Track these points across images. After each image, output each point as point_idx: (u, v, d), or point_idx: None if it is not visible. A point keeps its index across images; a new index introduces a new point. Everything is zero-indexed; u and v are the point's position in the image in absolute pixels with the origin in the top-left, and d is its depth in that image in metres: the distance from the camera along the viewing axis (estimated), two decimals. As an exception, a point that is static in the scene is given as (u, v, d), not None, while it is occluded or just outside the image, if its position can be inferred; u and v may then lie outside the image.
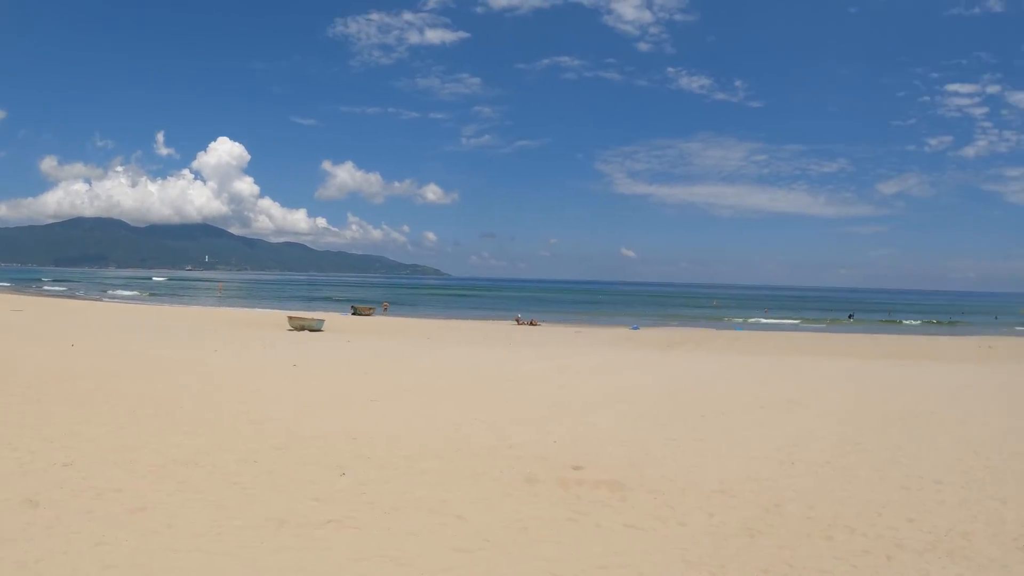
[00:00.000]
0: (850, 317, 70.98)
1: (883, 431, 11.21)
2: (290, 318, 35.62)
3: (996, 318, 75.44)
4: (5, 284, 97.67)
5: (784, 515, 6.86)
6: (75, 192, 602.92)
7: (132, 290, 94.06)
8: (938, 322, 67.06)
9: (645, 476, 8.00)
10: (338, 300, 79.54)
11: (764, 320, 63.10)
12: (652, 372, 19.56)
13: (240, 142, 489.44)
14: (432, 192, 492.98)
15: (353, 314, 52.44)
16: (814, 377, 19.07)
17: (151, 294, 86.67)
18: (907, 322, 65.95)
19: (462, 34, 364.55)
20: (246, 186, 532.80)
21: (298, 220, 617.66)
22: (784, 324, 58.46)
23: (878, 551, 6.00)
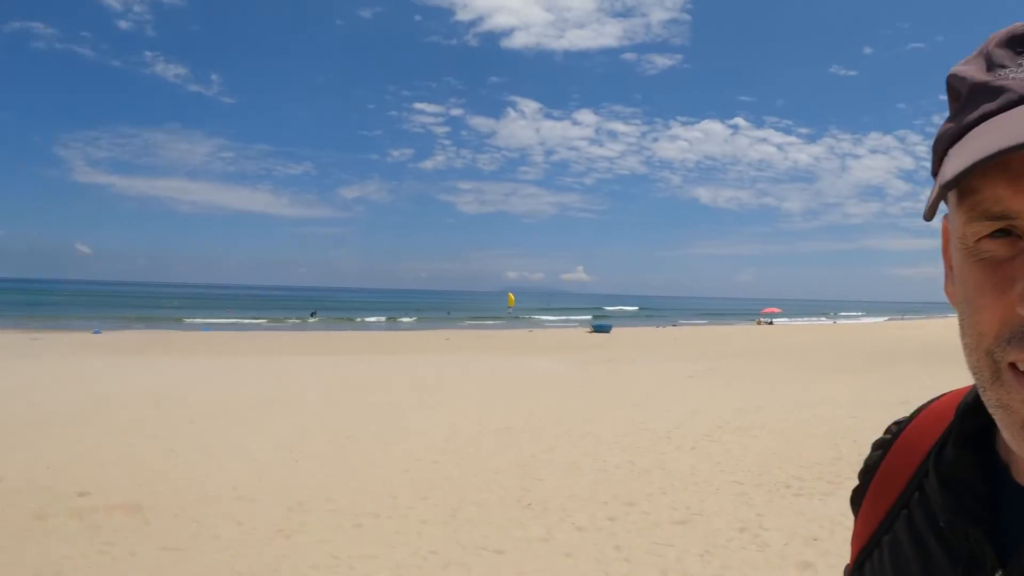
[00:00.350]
0: (312, 315, 74.13)
1: (366, 422, 11.82)
2: None
3: (448, 313, 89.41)
4: None
5: (308, 511, 6.88)
6: None
7: None
8: (396, 319, 74.56)
9: (158, 493, 7.40)
10: None
11: (230, 320, 61.25)
12: (125, 378, 18.10)
13: None
14: None
15: None
16: (292, 375, 19.51)
17: None
18: (371, 319, 71.13)
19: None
20: None
21: None
22: (249, 324, 58.10)
23: (408, 529, 6.33)
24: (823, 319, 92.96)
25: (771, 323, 72.63)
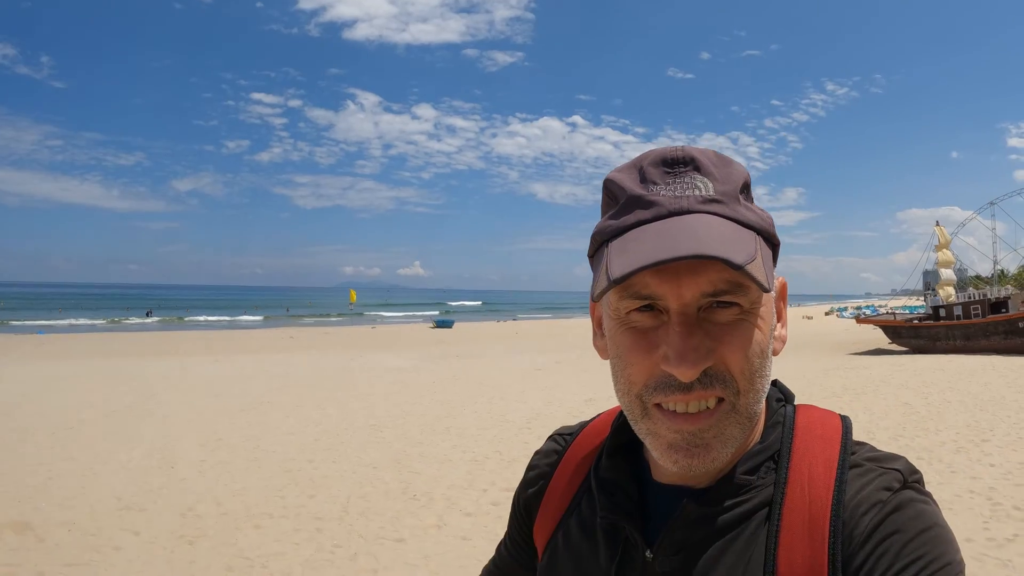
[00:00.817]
0: (148, 314, 71.31)
1: (232, 424, 11.91)
2: None
3: (288, 310, 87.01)
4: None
5: (202, 516, 6.90)
6: None
7: None
8: (236, 318, 73.82)
9: (41, 509, 7.16)
10: None
11: (65, 321, 57.26)
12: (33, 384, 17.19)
13: None
14: None
15: None
16: (144, 378, 18.66)
17: None
18: (213, 318, 68.24)
19: None
20: None
21: None
22: (86, 325, 54.45)
23: (306, 526, 6.55)
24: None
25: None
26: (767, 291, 0.73)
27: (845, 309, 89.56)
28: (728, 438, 0.78)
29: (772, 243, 0.82)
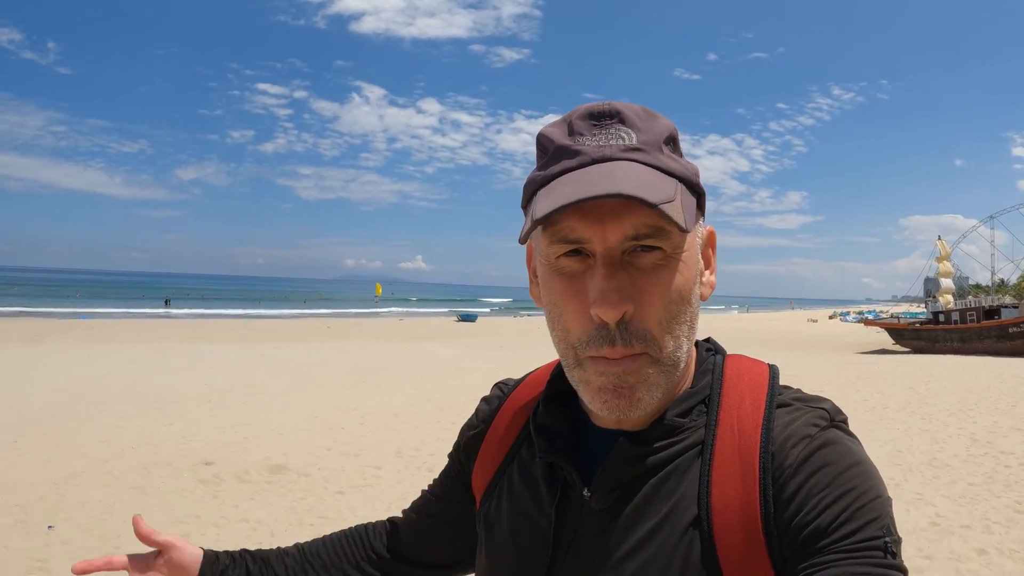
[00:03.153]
0: (167, 303, 70.88)
1: (358, 394, 14.04)
2: None
3: (305, 302, 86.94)
4: None
5: (411, 454, 9.07)
6: None
7: None
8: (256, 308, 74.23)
9: (288, 455, 8.62)
10: None
11: (103, 309, 56.33)
12: (74, 367, 17.88)
13: None
14: None
15: None
16: (232, 362, 19.74)
17: None
18: (234, 310, 67.43)
19: None
20: None
21: None
22: (120, 312, 53.97)
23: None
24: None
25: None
26: (684, 231, 0.75)
27: (848, 313, 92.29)
28: (653, 383, 0.81)
29: (696, 191, 0.85)
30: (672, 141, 0.85)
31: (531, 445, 0.98)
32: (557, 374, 0.97)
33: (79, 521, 6.22)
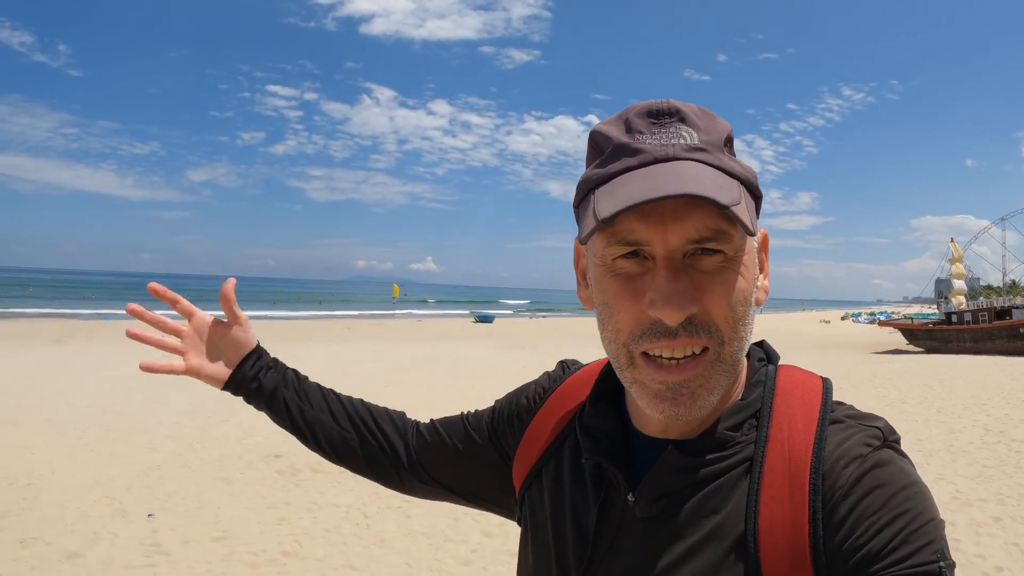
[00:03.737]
0: None
1: (424, 385, 15.25)
2: None
3: (321, 303, 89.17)
4: None
5: None
6: None
7: None
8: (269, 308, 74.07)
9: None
10: None
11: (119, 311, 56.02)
12: (116, 367, 18.56)
13: None
14: None
15: None
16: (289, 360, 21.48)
17: None
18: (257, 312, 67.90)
19: None
20: None
21: None
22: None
23: None
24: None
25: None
26: (752, 234, 0.75)
27: (859, 315, 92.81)
28: (714, 385, 0.80)
29: (755, 194, 0.84)
30: (730, 143, 0.85)
31: (575, 441, 0.98)
32: (605, 374, 0.98)
33: (177, 510, 6.68)
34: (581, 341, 35.39)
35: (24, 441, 9.22)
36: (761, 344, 0.96)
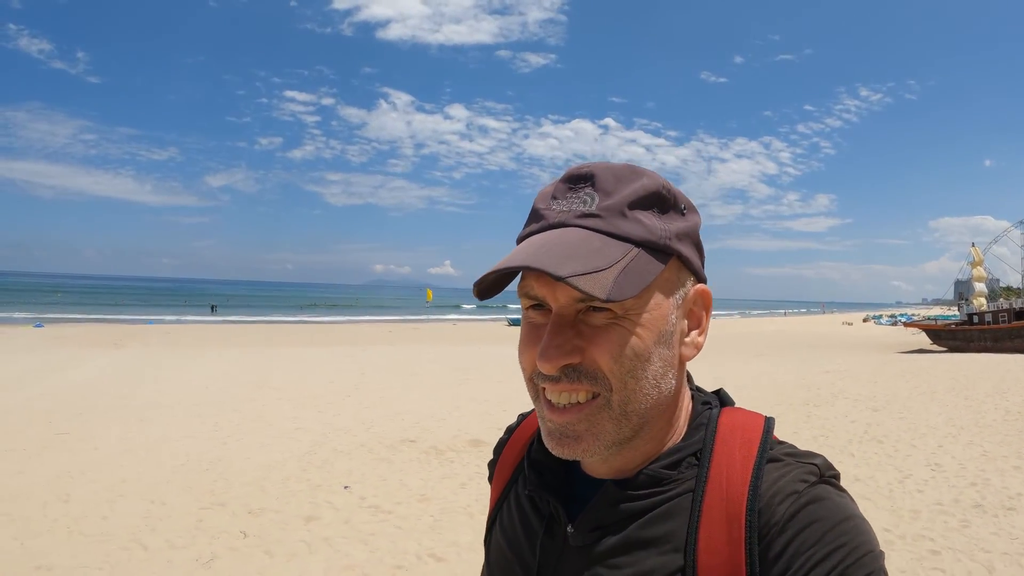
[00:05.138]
0: (213, 309, 71.90)
1: (487, 386, 16.83)
2: None
3: (354, 305, 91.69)
4: None
5: None
6: None
7: None
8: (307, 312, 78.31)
9: (468, 436, 9.90)
10: None
11: (171, 316, 58.13)
12: (201, 368, 19.68)
13: None
14: None
15: None
16: (348, 364, 22.73)
17: None
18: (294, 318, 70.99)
19: None
20: None
21: None
22: (182, 319, 55.21)
23: None
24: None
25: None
26: (603, 300, 0.76)
27: (880, 317, 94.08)
28: (600, 431, 0.83)
29: (664, 252, 0.84)
30: (651, 200, 0.85)
31: (524, 474, 1.01)
32: None
33: (369, 482, 7.69)
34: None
35: (187, 432, 10.41)
36: (717, 392, 0.99)
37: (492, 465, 1.15)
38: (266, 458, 8.86)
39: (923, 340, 40.25)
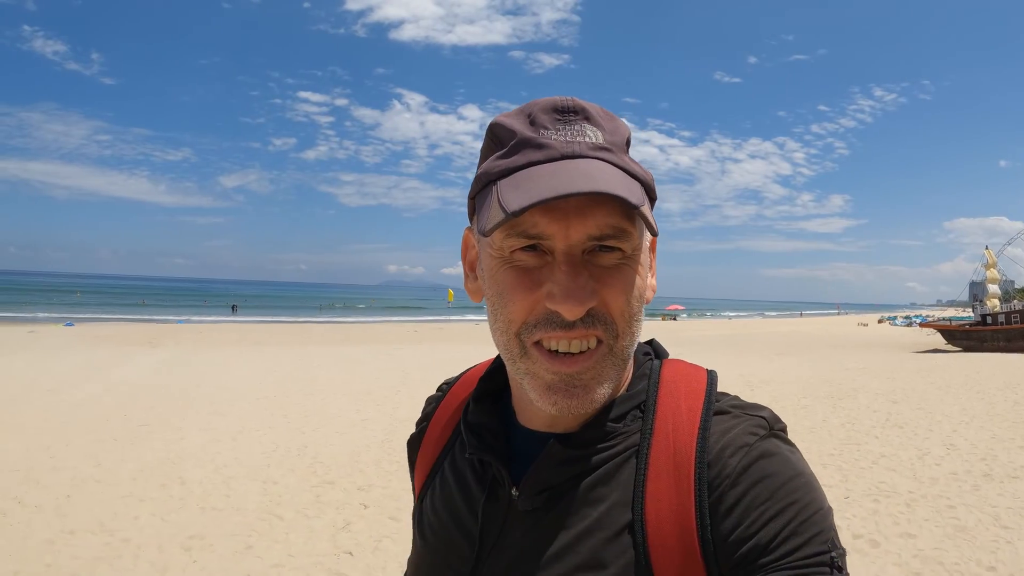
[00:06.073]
0: (234, 309, 72.04)
1: None
2: None
3: (370, 305, 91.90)
4: None
5: None
6: None
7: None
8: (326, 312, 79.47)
9: None
10: None
11: (199, 316, 57.78)
12: (246, 366, 20.30)
13: None
14: None
15: None
16: (389, 363, 22.81)
17: None
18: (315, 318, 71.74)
19: None
20: None
21: None
22: (216, 319, 55.96)
23: None
24: (719, 317, 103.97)
25: (675, 319, 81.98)
26: (655, 233, 0.77)
27: (895, 318, 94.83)
28: (606, 379, 0.81)
29: (651, 196, 0.85)
30: (629, 144, 0.85)
31: (461, 440, 0.97)
32: (490, 372, 0.99)
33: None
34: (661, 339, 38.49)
35: (263, 423, 11.07)
36: (650, 342, 0.98)
37: (416, 440, 1.09)
38: (349, 445, 9.48)
39: (938, 340, 41.31)
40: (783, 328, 63.50)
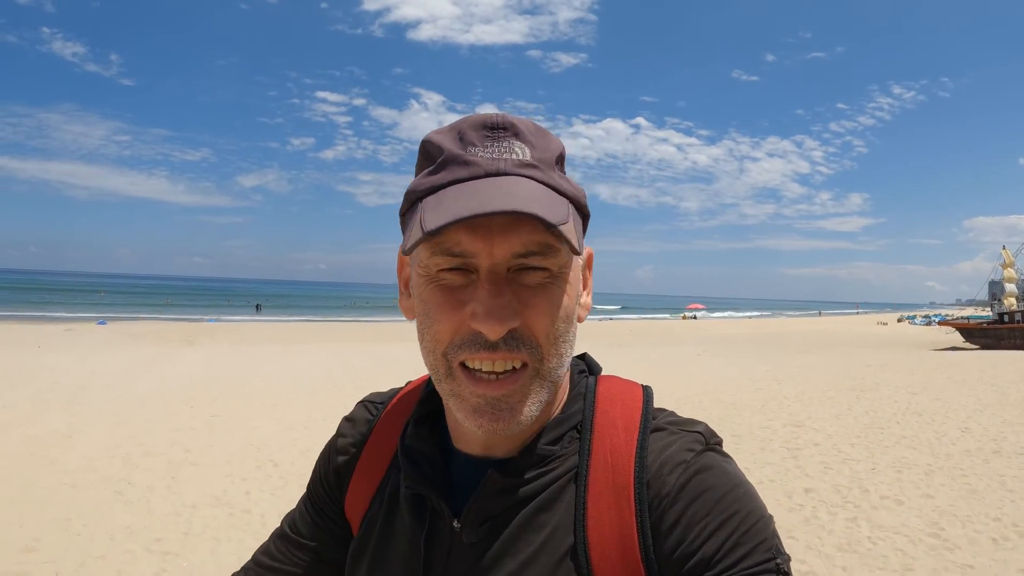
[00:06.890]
0: (258, 308, 72.17)
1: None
2: None
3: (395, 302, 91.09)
4: None
5: (727, 406, 15.13)
6: None
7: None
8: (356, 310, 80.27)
9: None
10: None
11: (219, 315, 57.41)
12: (290, 362, 20.86)
13: None
14: None
15: None
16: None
17: None
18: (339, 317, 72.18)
19: None
20: None
21: None
22: (237, 319, 55.58)
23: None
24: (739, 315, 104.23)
25: (695, 318, 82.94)
26: (577, 253, 0.76)
27: (915, 317, 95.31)
28: (533, 401, 0.79)
29: (583, 213, 0.84)
30: (561, 160, 0.84)
31: (398, 470, 0.93)
32: (430, 392, 0.95)
33: None
34: (676, 340, 39.65)
35: (329, 414, 12.50)
36: (583, 356, 0.96)
37: (347, 468, 1.01)
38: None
39: (956, 339, 42.23)
40: (803, 327, 64.40)
